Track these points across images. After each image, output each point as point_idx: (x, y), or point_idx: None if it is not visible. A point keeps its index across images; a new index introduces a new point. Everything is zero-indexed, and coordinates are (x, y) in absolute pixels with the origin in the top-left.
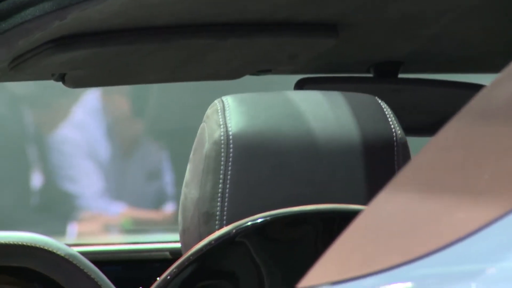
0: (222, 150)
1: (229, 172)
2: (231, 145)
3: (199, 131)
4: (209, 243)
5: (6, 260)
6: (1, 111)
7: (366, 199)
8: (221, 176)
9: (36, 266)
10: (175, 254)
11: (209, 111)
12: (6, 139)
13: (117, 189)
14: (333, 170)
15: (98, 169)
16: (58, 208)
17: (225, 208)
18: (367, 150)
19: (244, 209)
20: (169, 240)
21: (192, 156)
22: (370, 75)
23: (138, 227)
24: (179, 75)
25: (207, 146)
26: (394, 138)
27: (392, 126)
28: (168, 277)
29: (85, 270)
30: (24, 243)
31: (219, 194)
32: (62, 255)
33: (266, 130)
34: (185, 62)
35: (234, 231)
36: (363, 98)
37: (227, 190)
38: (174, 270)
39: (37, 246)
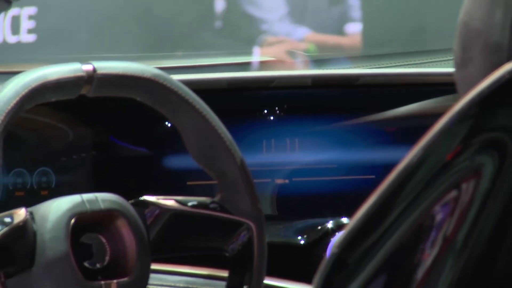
0: None
1: None
2: None
3: None
4: (481, 93)
5: (117, 91)
6: None
7: None
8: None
9: (145, 98)
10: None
11: None
12: None
13: (301, 14)
14: None
15: None
16: (241, 31)
17: None
18: None
19: None
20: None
21: None
22: None
23: (322, 52)
24: None
25: None
26: None
27: None
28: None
29: (193, 103)
30: (135, 74)
31: (509, 25)
32: (170, 86)
33: None
34: None
35: (508, 75)
36: None
37: None
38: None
39: (147, 77)
